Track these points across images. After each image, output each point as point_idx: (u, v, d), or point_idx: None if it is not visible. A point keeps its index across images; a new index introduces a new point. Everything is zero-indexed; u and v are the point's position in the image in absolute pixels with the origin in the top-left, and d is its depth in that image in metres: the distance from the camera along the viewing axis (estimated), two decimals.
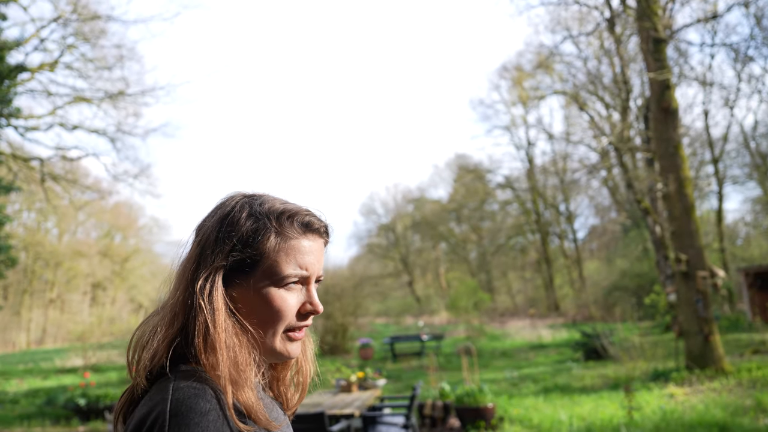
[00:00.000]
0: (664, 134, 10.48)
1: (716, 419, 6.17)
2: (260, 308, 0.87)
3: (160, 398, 0.77)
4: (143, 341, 0.88)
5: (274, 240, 0.88)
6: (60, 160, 18.96)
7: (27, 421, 9.79)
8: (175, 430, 0.73)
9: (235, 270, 0.87)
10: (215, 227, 0.89)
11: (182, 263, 0.91)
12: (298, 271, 0.89)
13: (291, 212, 0.91)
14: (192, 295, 0.85)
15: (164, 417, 0.74)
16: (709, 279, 9.90)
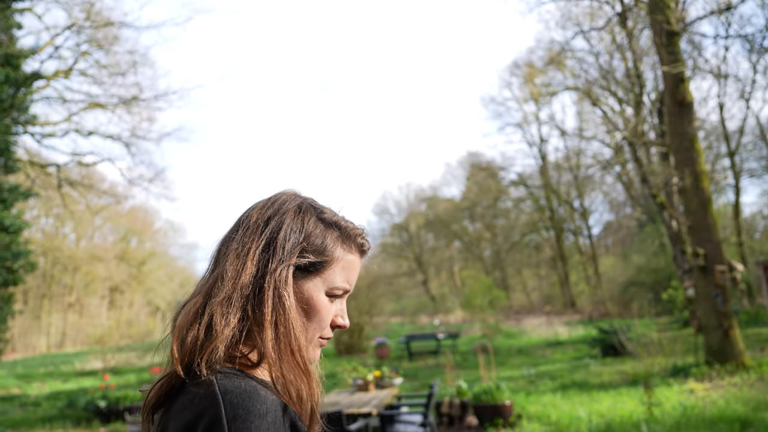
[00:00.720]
0: (678, 128, 10.38)
1: (738, 414, 6.10)
2: (310, 312, 0.89)
3: (209, 403, 0.74)
4: (195, 328, 0.82)
5: (340, 252, 0.92)
6: (76, 165, 19.19)
7: (49, 423, 9.93)
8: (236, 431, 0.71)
9: (299, 270, 0.88)
10: (286, 223, 0.89)
11: (243, 248, 0.87)
12: (345, 285, 0.93)
13: (354, 230, 0.95)
14: (264, 285, 0.84)
15: (221, 423, 0.71)
16: (728, 273, 9.78)
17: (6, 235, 12.52)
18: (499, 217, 41.89)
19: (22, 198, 13.31)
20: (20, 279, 12.95)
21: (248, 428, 0.71)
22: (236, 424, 0.71)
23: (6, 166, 13.23)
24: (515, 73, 34.14)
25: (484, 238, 42.71)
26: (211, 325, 0.81)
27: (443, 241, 43.48)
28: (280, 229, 0.88)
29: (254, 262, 0.86)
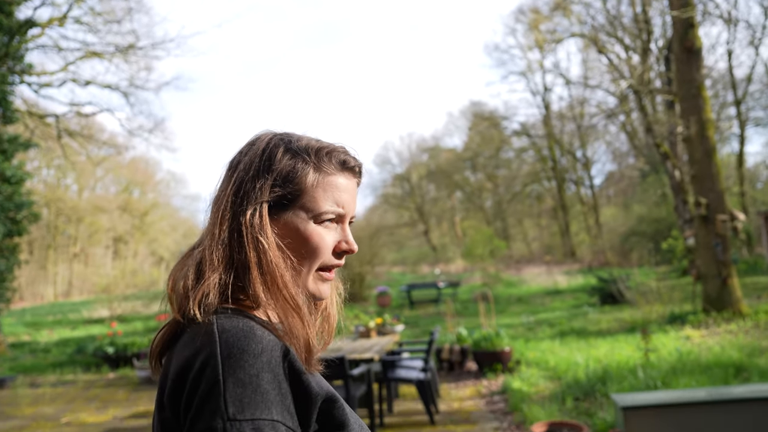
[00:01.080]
0: (686, 75, 10.19)
1: (732, 360, 6.23)
2: (298, 245, 0.86)
3: (207, 340, 0.75)
4: (187, 277, 0.85)
5: (313, 176, 0.88)
6: (75, 116, 18.99)
7: (59, 368, 10.19)
8: (230, 373, 0.71)
9: (275, 205, 0.87)
10: (253, 163, 0.88)
11: (219, 199, 0.88)
12: (334, 207, 0.89)
13: (328, 149, 0.91)
14: (240, 229, 0.84)
15: (216, 360, 0.72)
16: (729, 222, 9.80)
17: (8, 186, 12.50)
18: (501, 167, 41.69)
19: (22, 149, 13.22)
20: (24, 229, 13.01)
21: (242, 366, 0.72)
22: (230, 362, 0.72)
23: (4, 116, 13.08)
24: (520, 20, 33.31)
25: (486, 189, 42.64)
26: (200, 272, 0.84)
27: (445, 191, 43.45)
28: (248, 170, 0.88)
29: (229, 207, 0.86)
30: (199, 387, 0.72)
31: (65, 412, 6.97)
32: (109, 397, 7.71)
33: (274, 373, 0.73)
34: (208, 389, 0.71)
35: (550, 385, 6.23)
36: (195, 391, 0.72)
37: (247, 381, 0.71)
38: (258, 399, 0.71)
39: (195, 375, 0.73)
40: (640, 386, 5.46)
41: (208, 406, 0.70)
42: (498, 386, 6.61)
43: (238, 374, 0.71)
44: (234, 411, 0.69)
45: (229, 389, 0.70)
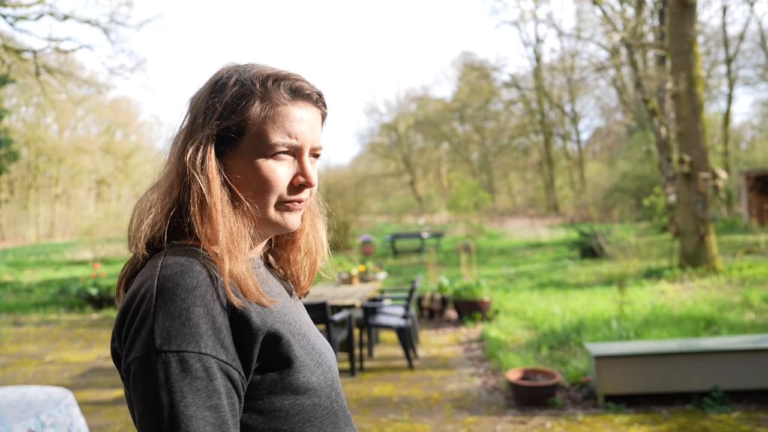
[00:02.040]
0: (679, 29, 10.06)
1: (704, 313, 6.42)
2: (250, 179, 0.84)
3: (150, 274, 0.77)
4: (143, 213, 0.86)
5: (260, 106, 0.83)
6: (53, 52, 18.37)
7: (42, 308, 10.23)
8: (161, 305, 0.72)
9: (223, 139, 0.84)
10: (204, 96, 0.85)
11: (175, 135, 0.88)
12: (286, 139, 0.84)
13: (278, 76, 0.85)
14: (184, 164, 0.82)
15: (151, 292, 0.73)
16: (711, 180, 9.91)
17: None
18: (489, 119, 41.44)
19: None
20: (3, 168, 12.78)
21: (173, 300, 0.72)
22: (163, 295, 0.73)
23: None
24: None
25: (473, 141, 42.49)
26: (149, 209, 0.85)
27: (432, 142, 43.23)
28: (200, 104, 0.85)
29: (180, 145, 0.85)
30: (135, 319, 0.74)
31: (49, 351, 7.03)
32: (92, 337, 7.78)
33: (207, 308, 0.73)
34: (140, 321, 0.72)
35: (527, 335, 6.40)
36: (132, 324, 0.74)
37: (176, 314, 0.71)
38: (185, 332, 0.71)
39: (134, 308, 0.75)
40: (613, 337, 5.62)
41: (139, 338, 0.72)
42: (476, 334, 6.77)
43: (169, 307, 0.72)
44: (161, 342, 0.70)
45: (158, 322, 0.71)
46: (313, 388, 0.82)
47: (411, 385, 4.98)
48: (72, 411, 2.41)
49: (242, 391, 0.77)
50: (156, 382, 0.70)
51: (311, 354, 0.85)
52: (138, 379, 0.71)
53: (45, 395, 2.49)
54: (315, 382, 0.83)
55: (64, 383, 5.54)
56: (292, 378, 0.80)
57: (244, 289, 0.78)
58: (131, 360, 0.72)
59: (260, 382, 0.79)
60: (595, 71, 27.48)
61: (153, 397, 0.70)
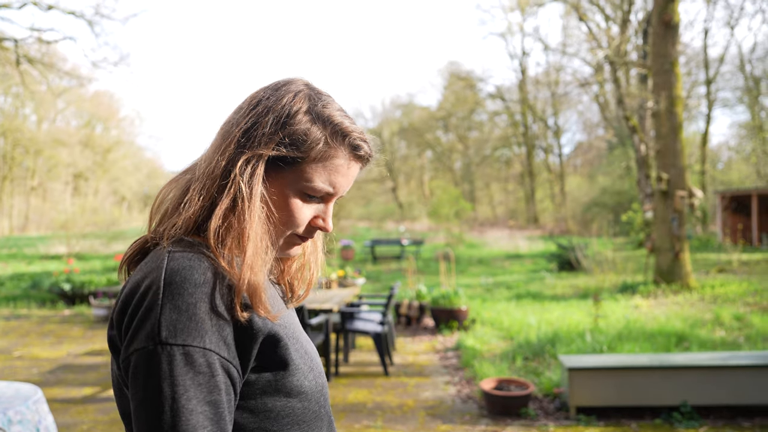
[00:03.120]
0: (662, 49, 10.26)
1: (675, 329, 6.52)
2: (279, 206, 0.86)
3: (156, 266, 0.77)
4: (173, 200, 0.87)
5: (320, 151, 0.85)
6: (36, 42, 18.06)
7: (13, 302, 10.03)
8: (168, 298, 0.72)
9: (273, 161, 0.85)
10: (271, 109, 0.85)
11: (228, 132, 0.86)
12: (326, 187, 0.87)
13: (346, 130, 0.87)
14: (233, 170, 0.83)
15: (158, 284, 0.74)
16: (687, 199, 10.10)
17: None
18: (473, 129, 41.75)
19: None
20: None
21: (181, 294, 0.73)
22: (171, 288, 0.73)
23: None
24: None
25: (456, 150, 42.75)
26: (181, 202, 0.85)
27: (415, 149, 43.39)
28: (264, 114, 0.85)
29: (232, 145, 0.84)
30: (139, 310, 0.73)
31: (18, 346, 6.89)
32: (63, 333, 7.65)
33: (213, 305, 0.74)
34: (145, 312, 0.73)
35: (503, 345, 6.44)
36: (135, 314, 0.74)
37: (183, 308, 0.72)
38: (192, 326, 0.72)
39: (138, 298, 0.74)
40: (587, 349, 5.69)
41: (143, 329, 0.72)
42: (452, 343, 6.79)
43: (176, 301, 0.72)
44: (167, 335, 0.71)
45: (165, 314, 0.72)
46: (305, 392, 0.84)
47: (385, 392, 4.98)
48: (40, 408, 2.37)
49: (238, 389, 0.78)
50: (159, 374, 0.70)
51: (304, 358, 0.86)
52: (140, 370, 0.71)
53: (13, 391, 2.45)
54: (307, 386, 0.84)
55: (32, 379, 5.43)
56: (287, 380, 0.81)
57: (255, 302, 0.78)
58: (133, 350, 0.72)
59: (255, 381, 0.79)
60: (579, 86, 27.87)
61: (155, 388, 0.70)
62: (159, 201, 0.89)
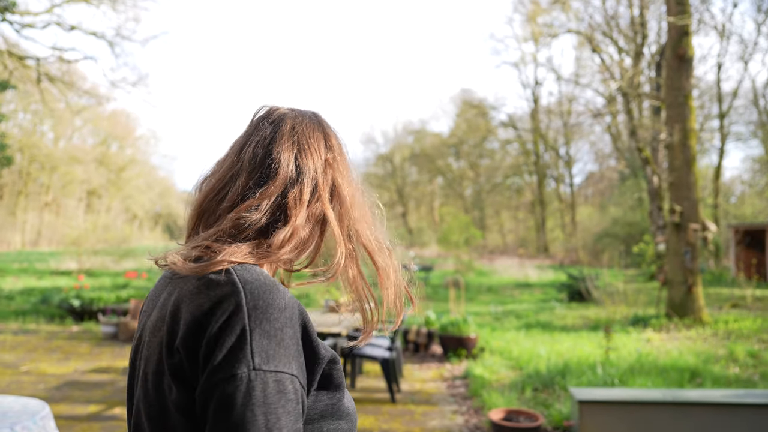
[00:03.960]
0: (675, 82, 10.29)
1: (689, 365, 6.40)
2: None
3: (229, 290, 0.74)
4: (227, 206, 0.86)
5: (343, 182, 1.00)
6: (57, 61, 18.48)
7: (22, 317, 10.06)
8: (257, 324, 0.71)
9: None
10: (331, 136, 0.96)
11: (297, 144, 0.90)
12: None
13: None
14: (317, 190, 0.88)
15: (242, 310, 0.72)
16: (700, 232, 10.01)
17: None
18: (484, 157, 41.88)
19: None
20: None
21: (268, 319, 0.72)
22: (257, 313, 0.72)
23: None
24: (518, 10, 33.28)
25: (467, 177, 42.83)
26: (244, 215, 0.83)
27: (426, 175, 43.53)
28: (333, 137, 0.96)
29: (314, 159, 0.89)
30: (224, 336, 0.71)
31: (25, 361, 6.89)
32: (71, 349, 7.64)
33: (294, 330, 0.75)
34: (234, 339, 0.71)
35: (511, 375, 6.35)
36: (218, 340, 0.71)
37: (272, 333, 0.72)
38: (281, 352, 0.72)
39: (221, 324, 0.72)
40: (598, 382, 5.59)
41: (233, 355, 0.70)
42: (461, 371, 6.71)
43: (264, 326, 0.72)
44: (260, 361, 0.70)
45: (255, 340, 0.71)
46: (350, 414, 0.84)
47: (392, 419, 4.91)
48: (47, 424, 2.36)
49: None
50: (252, 401, 0.68)
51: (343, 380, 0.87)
52: (233, 397, 0.69)
53: (20, 406, 2.44)
54: (350, 408, 0.85)
55: (38, 395, 5.41)
56: (340, 403, 0.82)
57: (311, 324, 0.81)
58: (223, 377, 0.70)
59: (314, 406, 0.79)
60: (592, 117, 27.95)
61: (248, 415, 0.68)
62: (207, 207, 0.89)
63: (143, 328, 0.87)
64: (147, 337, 0.83)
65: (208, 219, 0.88)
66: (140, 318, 0.93)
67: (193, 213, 0.90)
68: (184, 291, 0.79)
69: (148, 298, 0.92)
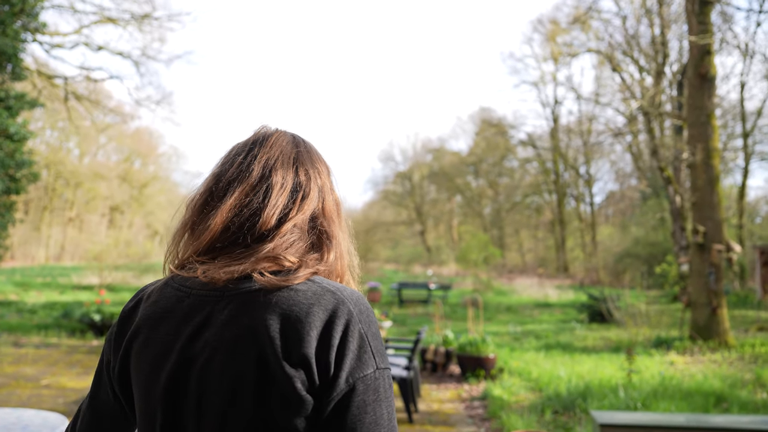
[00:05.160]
0: (697, 101, 10.18)
1: (714, 389, 6.24)
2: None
3: (338, 298, 0.82)
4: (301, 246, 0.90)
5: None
6: (84, 80, 18.94)
7: (44, 330, 10.19)
8: (368, 328, 0.81)
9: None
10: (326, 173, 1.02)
11: (317, 175, 0.97)
12: None
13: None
14: (337, 213, 0.99)
15: (354, 317, 0.81)
16: (725, 253, 9.82)
17: (11, 143, 12.45)
18: (503, 175, 41.72)
19: (27, 107, 13.15)
20: (23, 188, 12.96)
21: (371, 321, 0.83)
22: (363, 317, 0.82)
23: (13, 72, 13.00)
24: (538, 30, 33.36)
25: (486, 195, 42.67)
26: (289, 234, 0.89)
27: (445, 193, 43.46)
28: (323, 171, 1.01)
29: (328, 190, 0.98)
30: (348, 341, 0.79)
31: (46, 375, 6.96)
32: (91, 363, 7.70)
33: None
34: (357, 343, 0.80)
35: (531, 396, 6.24)
36: (344, 346, 0.79)
37: (377, 333, 0.83)
38: (383, 351, 0.83)
39: (342, 331, 0.79)
40: (620, 405, 5.47)
41: (360, 359, 0.79)
42: (479, 392, 6.61)
43: (372, 328, 0.82)
44: (379, 360, 0.81)
45: (371, 342, 0.81)
46: None
47: None
48: None
49: None
50: (380, 398, 0.80)
51: None
52: (363, 397, 0.79)
53: (41, 420, 2.45)
54: None
55: (57, 409, 5.45)
56: None
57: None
58: (355, 379, 0.78)
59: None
60: (612, 136, 27.76)
61: (378, 412, 0.79)
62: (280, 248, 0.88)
63: (181, 350, 0.83)
64: (206, 356, 0.80)
65: (236, 236, 0.88)
66: (161, 340, 0.85)
67: (214, 230, 0.88)
68: (274, 304, 0.80)
69: (164, 318, 0.86)
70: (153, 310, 0.88)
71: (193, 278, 0.87)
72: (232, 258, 0.86)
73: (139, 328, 0.88)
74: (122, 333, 0.91)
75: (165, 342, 0.85)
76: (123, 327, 0.92)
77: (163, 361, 0.84)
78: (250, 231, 0.88)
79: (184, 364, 0.82)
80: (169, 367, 0.83)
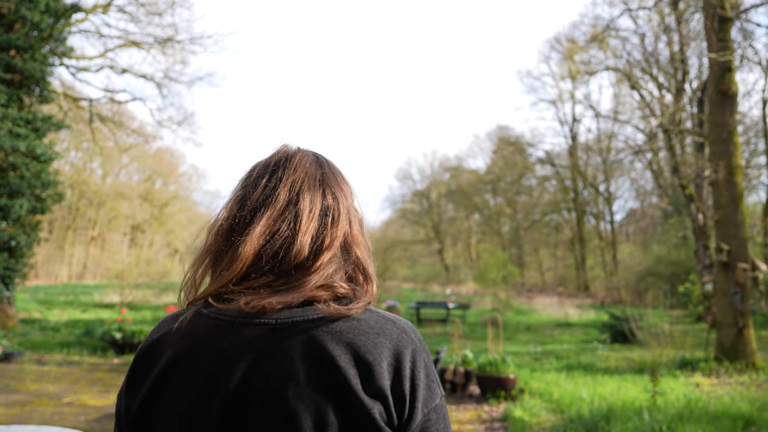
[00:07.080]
0: (719, 118, 10.08)
1: (742, 412, 6.08)
2: None
3: (400, 328, 0.84)
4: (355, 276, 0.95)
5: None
6: (108, 102, 19.36)
7: (66, 348, 10.30)
8: (428, 358, 0.85)
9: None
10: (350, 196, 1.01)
11: (346, 201, 0.97)
12: None
13: None
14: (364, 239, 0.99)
15: (418, 348, 0.83)
16: (750, 272, 9.62)
17: (37, 164, 12.74)
18: (521, 193, 41.53)
19: (54, 129, 13.47)
20: (47, 208, 13.23)
21: (427, 351, 0.85)
22: (423, 347, 0.85)
23: (41, 95, 13.36)
24: (555, 48, 33.34)
25: (505, 214, 42.46)
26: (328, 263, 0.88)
27: (463, 212, 43.34)
28: (347, 195, 1.00)
29: (357, 214, 0.99)
30: (417, 372, 0.81)
31: (68, 392, 7.02)
32: (112, 381, 7.76)
33: None
34: (424, 373, 0.82)
35: (552, 418, 6.14)
36: (414, 377, 0.81)
37: (432, 362, 0.86)
38: (438, 379, 0.86)
39: (411, 361, 0.81)
40: (644, 428, 5.35)
41: (429, 388, 0.82)
42: (499, 413, 6.52)
43: (429, 357, 0.85)
44: (441, 389, 0.85)
45: (432, 371, 0.84)
46: None
47: None
48: None
49: None
50: (447, 423, 0.84)
51: None
52: (440, 420, 0.83)
53: None
54: None
55: (79, 426, 5.49)
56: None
57: None
58: (433, 406, 0.82)
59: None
60: (632, 154, 27.54)
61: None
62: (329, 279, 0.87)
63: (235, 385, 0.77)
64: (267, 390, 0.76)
65: (270, 265, 0.84)
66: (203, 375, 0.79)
67: (245, 259, 0.84)
68: (338, 333, 0.79)
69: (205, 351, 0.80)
70: (190, 343, 0.82)
71: (234, 309, 0.81)
72: (278, 287, 0.83)
73: (175, 362, 0.80)
74: (146, 370, 0.83)
75: (210, 376, 0.78)
76: (146, 364, 0.83)
77: (210, 395, 0.78)
78: (285, 259, 0.84)
79: (239, 400, 0.77)
80: (221, 401, 0.77)
